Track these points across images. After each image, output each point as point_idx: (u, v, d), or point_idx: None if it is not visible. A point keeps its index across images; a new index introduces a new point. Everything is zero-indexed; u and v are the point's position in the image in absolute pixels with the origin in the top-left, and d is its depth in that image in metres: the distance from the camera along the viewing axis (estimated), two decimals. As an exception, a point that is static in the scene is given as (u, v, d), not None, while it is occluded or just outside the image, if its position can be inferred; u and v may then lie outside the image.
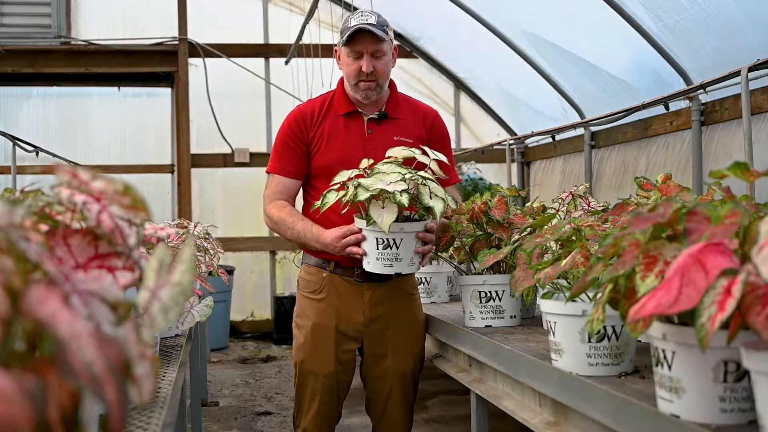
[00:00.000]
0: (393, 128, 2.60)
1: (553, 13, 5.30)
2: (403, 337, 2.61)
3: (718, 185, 1.60)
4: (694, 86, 4.03)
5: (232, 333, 7.11)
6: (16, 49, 6.81)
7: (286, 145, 2.59)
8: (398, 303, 2.60)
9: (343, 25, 2.55)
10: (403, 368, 2.61)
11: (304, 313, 2.61)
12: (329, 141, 2.57)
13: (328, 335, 2.55)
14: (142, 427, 1.42)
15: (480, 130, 7.71)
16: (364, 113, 2.60)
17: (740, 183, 2.73)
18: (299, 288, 2.67)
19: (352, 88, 2.56)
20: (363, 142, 2.57)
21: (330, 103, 2.62)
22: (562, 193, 2.83)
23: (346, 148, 2.56)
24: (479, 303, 2.47)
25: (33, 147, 5.64)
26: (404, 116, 2.63)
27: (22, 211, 0.75)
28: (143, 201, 0.91)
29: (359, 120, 2.60)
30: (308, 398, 2.58)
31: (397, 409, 2.62)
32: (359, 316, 2.55)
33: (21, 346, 0.59)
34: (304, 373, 2.58)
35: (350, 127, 2.59)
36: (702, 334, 1.08)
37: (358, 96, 2.56)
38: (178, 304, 0.75)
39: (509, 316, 2.48)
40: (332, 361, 2.55)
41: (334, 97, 2.64)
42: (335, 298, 2.55)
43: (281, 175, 2.59)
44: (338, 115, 2.60)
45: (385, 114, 2.60)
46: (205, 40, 7.12)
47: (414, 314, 2.66)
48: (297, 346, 2.61)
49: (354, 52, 2.50)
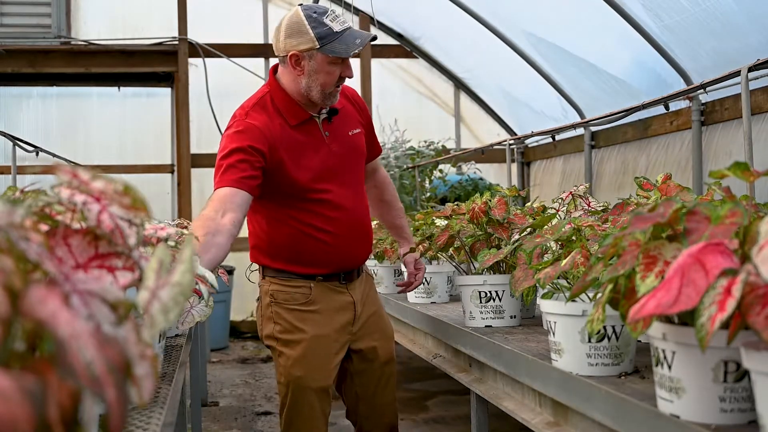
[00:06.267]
0: (341, 122, 2.49)
1: (553, 13, 5.30)
2: (382, 321, 2.62)
3: (718, 185, 1.60)
4: (694, 86, 4.03)
5: (232, 333, 7.11)
6: (16, 49, 6.81)
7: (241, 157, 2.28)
8: (371, 291, 2.62)
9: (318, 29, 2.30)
10: (389, 351, 2.61)
11: (295, 327, 2.44)
12: (296, 158, 2.37)
13: (327, 346, 2.45)
14: (142, 427, 1.42)
15: (480, 130, 7.71)
16: (315, 116, 2.44)
17: (740, 183, 2.73)
18: (277, 302, 2.45)
19: (322, 96, 2.36)
20: (324, 149, 2.42)
21: (275, 112, 2.39)
22: (562, 193, 2.83)
23: (311, 161, 2.39)
24: (479, 303, 2.46)
25: (33, 147, 5.64)
26: (341, 104, 2.50)
27: (22, 211, 0.75)
28: (143, 201, 0.91)
29: (312, 125, 2.43)
30: (304, 417, 2.43)
31: (387, 395, 2.60)
32: (350, 317, 2.51)
33: (21, 346, 0.59)
34: (299, 390, 2.41)
35: (307, 136, 2.41)
36: (702, 334, 1.08)
37: (326, 102, 2.39)
38: (178, 304, 0.75)
39: (509, 316, 2.47)
40: (329, 373, 2.46)
41: (276, 105, 2.40)
42: (328, 307, 2.46)
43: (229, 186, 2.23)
44: (291, 126, 2.39)
45: (335, 110, 2.46)
46: (205, 40, 7.12)
47: (379, 297, 2.70)
48: (290, 363, 2.42)
49: (340, 59, 2.33)
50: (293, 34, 2.32)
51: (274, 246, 2.47)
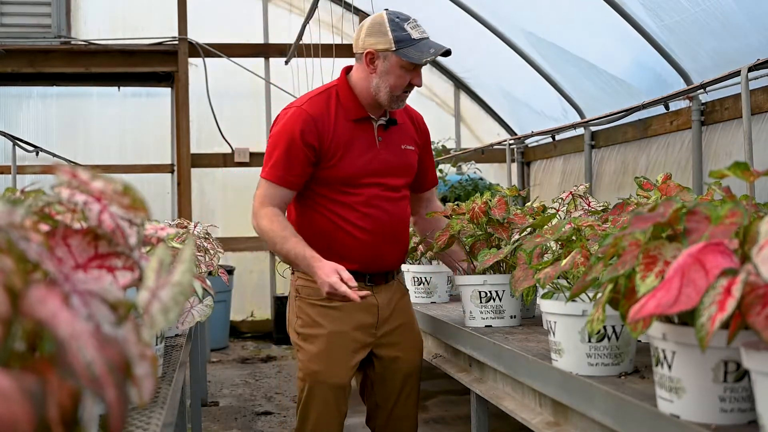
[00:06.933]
0: (397, 135, 2.56)
1: (553, 13, 5.30)
2: (410, 334, 2.61)
3: (718, 185, 1.60)
4: (694, 86, 4.03)
5: (232, 333, 7.11)
6: (16, 49, 6.81)
7: (293, 151, 2.40)
8: (401, 301, 2.60)
9: (398, 33, 2.40)
10: (413, 365, 2.60)
11: (315, 322, 2.47)
12: (344, 152, 2.44)
13: (346, 343, 2.46)
14: (142, 427, 1.42)
15: (480, 130, 7.71)
16: (374, 119, 2.51)
17: (740, 183, 2.73)
18: (300, 297, 2.51)
19: (390, 99, 2.43)
20: (375, 151, 2.49)
21: (337, 105, 2.47)
22: (562, 193, 2.83)
23: (359, 157, 2.46)
24: (479, 303, 2.46)
25: (33, 147, 5.64)
26: (403, 120, 2.60)
27: (22, 211, 0.75)
28: (143, 201, 0.91)
29: (369, 126, 2.50)
30: (318, 412, 2.45)
31: (407, 409, 2.60)
32: (372, 320, 2.51)
33: (21, 346, 0.59)
34: (316, 385, 2.44)
35: (361, 135, 2.48)
36: (702, 334, 1.08)
37: (392, 106, 2.46)
38: (178, 304, 0.75)
39: (509, 315, 2.47)
40: (347, 371, 2.47)
41: (340, 100, 2.49)
42: (350, 304, 2.42)
43: (280, 184, 2.41)
44: (348, 120, 2.47)
45: (394, 120, 2.55)
46: (205, 40, 7.12)
47: (412, 310, 2.68)
48: (308, 358, 2.46)
49: (412, 65, 2.40)
50: (373, 34, 2.42)
51: (304, 235, 2.45)
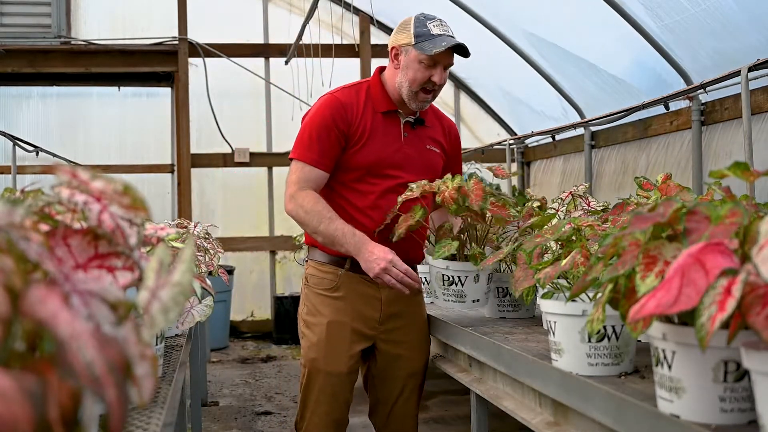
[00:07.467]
0: (424, 135, 2.61)
1: (553, 13, 5.30)
2: (416, 334, 2.63)
3: (718, 185, 1.60)
4: (694, 86, 4.03)
5: (232, 333, 7.11)
6: (16, 49, 6.81)
7: (324, 134, 2.46)
8: (410, 300, 2.61)
9: (419, 29, 2.47)
10: (416, 366, 2.62)
11: (317, 311, 2.54)
12: (369, 139, 2.50)
13: (344, 333, 2.51)
14: (142, 427, 1.42)
15: (480, 130, 7.71)
16: (401, 114, 2.58)
17: (740, 183, 2.73)
18: (308, 285, 2.59)
19: (410, 95, 2.50)
20: (399, 144, 2.55)
21: (367, 97, 2.55)
22: (562, 193, 2.83)
23: (383, 148, 2.52)
24: (442, 285, 2.54)
25: (33, 147, 5.64)
26: (432, 124, 2.65)
27: (22, 211, 0.75)
28: (143, 201, 0.91)
29: (396, 121, 2.57)
30: (315, 399, 2.51)
31: (407, 408, 2.62)
32: (375, 313, 2.55)
33: (21, 346, 0.59)
34: (314, 372, 2.51)
35: (388, 127, 2.55)
36: (702, 334, 1.08)
37: (412, 104, 2.52)
38: (178, 304, 0.75)
39: (471, 300, 2.53)
40: (345, 360, 2.51)
41: (371, 92, 2.56)
42: (352, 296, 2.52)
43: (316, 167, 2.46)
44: (377, 112, 2.54)
45: (421, 120, 2.60)
46: (205, 40, 7.12)
47: (423, 311, 2.70)
48: (308, 345, 2.54)
49: (432, 61, 2.45)
50: (399, 31, 2.54)
51: None
